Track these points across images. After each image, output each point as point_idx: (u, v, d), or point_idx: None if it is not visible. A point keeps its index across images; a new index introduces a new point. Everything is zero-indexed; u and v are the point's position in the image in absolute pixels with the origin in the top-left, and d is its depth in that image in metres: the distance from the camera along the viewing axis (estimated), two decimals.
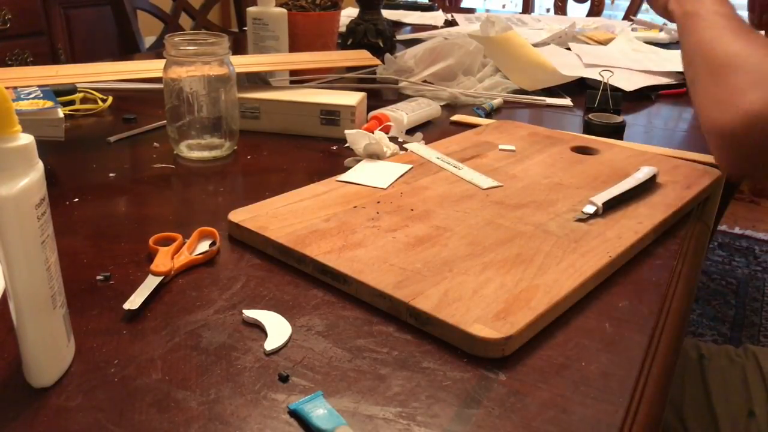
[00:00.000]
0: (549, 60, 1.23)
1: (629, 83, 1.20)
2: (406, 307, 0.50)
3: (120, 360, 0.45)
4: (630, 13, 2.32)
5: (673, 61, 1.42)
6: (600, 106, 1.06)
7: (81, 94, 1.02)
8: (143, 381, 0.43)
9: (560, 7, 2.53)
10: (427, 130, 0.98)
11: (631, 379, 0.45)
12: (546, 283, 0.53)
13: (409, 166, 0.77)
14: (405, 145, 0.86)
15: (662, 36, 1.73)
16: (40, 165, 0.39)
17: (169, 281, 0.55)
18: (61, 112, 0.76)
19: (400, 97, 1.10)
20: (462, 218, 0.64)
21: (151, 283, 0.53)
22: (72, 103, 0.99)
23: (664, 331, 0.52)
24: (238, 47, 1.41)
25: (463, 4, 2.81)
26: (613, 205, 0.67)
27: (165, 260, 0.56)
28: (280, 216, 0.63)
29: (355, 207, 0.66)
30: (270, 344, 0.47)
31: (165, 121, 0.85)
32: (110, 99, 1.03)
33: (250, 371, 0.44)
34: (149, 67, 0.95)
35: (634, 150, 0.86)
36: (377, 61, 1.17)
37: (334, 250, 0.57)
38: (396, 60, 1.20)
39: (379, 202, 0.67)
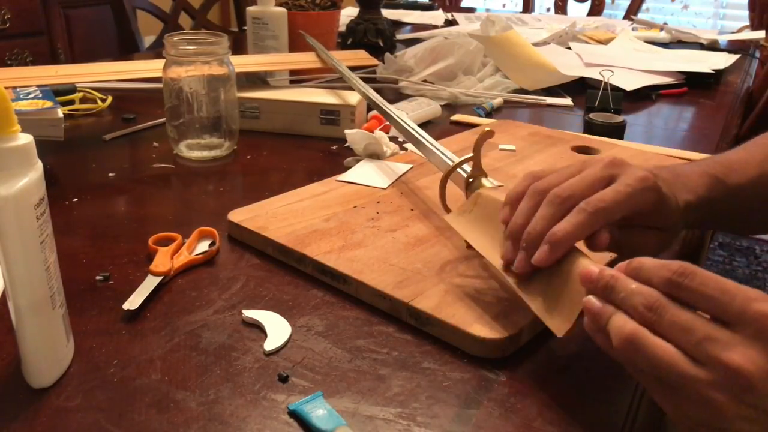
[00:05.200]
0: (549, 59, 1.23)
1: (630, 83, 1.19)
2: (406, 308, 0.50)
3: (119, 360, 0.45)
4: (630, 13, 2.32)
5: (673, 60, 1.42)
6: (600, 106, 1.06)
7: (80, 94, 1.02)
8: (142, 381, 0.43)
9: (560, 6, 2.53)
10: (427, 129, 0.97)
11: (631, 379, 0.45)
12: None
13: (409, 166, 0.77)
14: (405, 145, 0.85)
15: (663, 36, 1.73)
16: (40, 165, 0.39)
17: (169, 281, 0.55)
18: (60, 112, 0.76)
19: (400, 96, 1.10)
20: None
21: (150, 283, 0.53)
22: (71, 102, 0.99)
23: None
24: (238, 47, 1.41)
25: (463, 4, 2.80)
26: None
27: (164, 260, 0.55)
28: (280, 216, 0.63)
29: (355, 207, 0.66)
30: (270, 344, 0.46)
31: (163, 119, 0.85)
32: (110, 99, 1.02)
33: (249, 371, 0.44)
34: (149, 67, 0.95)
35: (634, 150, 0.86)
36: (376, 62, 1.17)
37: (334, 250, 0.57)
38: (396, 59, 1.20)
39: (379, 202, 0.67)
